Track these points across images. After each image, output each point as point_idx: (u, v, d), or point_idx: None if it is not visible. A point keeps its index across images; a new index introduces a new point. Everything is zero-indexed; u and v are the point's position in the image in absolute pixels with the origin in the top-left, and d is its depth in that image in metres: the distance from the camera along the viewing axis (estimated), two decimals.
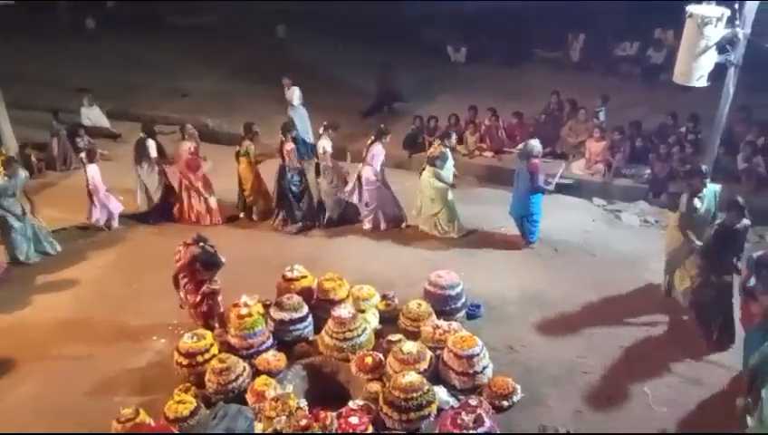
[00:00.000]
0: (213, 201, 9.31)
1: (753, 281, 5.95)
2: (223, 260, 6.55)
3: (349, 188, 9.03)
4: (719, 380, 6.32)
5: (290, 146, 8.89)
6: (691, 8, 7.09)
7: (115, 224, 9.16)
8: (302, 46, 16.57)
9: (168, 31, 18.35)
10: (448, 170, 8.73)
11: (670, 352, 6.73)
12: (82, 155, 9.29)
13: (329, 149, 8.92)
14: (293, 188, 9.02)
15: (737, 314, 6.54)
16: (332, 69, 14.96)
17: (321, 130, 9.07)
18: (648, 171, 10.05)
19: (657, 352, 6.74)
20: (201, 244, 6.51)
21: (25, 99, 12.96)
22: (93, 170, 8.82)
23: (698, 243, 6.81)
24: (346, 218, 9.31)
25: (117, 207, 9.12)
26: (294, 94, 11.33)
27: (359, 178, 8.90)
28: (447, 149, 8.75)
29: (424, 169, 8.80)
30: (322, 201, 9.27)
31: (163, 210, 9.36)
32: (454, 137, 9.33)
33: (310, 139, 10.89)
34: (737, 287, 6.47)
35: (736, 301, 6.54)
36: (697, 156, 9.59)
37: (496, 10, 15.71)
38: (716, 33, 6.98)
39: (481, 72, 15.20)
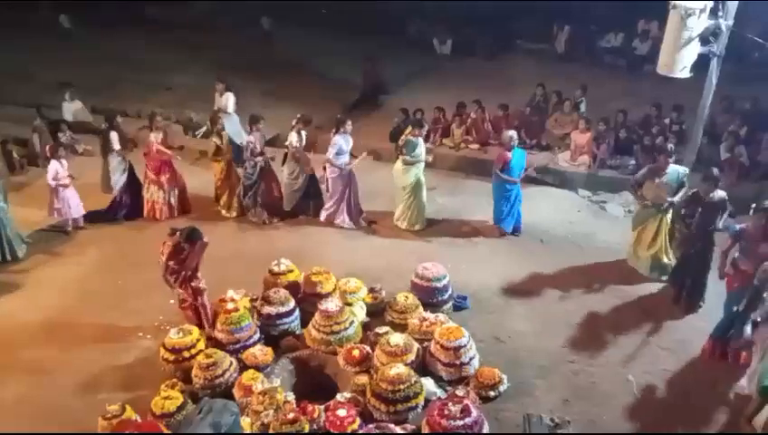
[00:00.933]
0: (173, 197, 9.21)
1: (737, 252, 6.36)
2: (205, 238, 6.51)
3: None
4: (704, 367, 6.43)
5: (248, 138, 8.93)
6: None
7: (80, 223, 8.88)
8: (288, 39, 16.48)
9: (149, 25, 18.15)
10: (418, 156, 8.73)
11: (655, 340, 6.83)
12: (47, 148, 9.06)
13: (295, 143, 8.87)
14: (244, 180, 9.09)
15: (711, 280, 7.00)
16: (318, 61, 14.89)
17: (293, 123, 8.97)
18: (633, 162, 10.12)
19: (642, 340, 6.82)
20: (176, 231, 6.49)
21: (5, 94, 12.79)
22: (53, 167, 8.47)
23: (647, 202, 7.57)
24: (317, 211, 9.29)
25: (78, 207, 8.77)
26: (229, 101, 10.69)
27: (324, 168, 8.98)
28: (417, 138, 8.74)
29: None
30: (306, 194, 9.25)
31: (131, 206, 9.21)
32: (425, 127, 9.39)
33: (242, 141, 9.77)
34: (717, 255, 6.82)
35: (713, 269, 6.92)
36: (681, 146, 9.67)
37: (482, 2, 15.71)
38: (700, 24, 7.03)
39: (467, 64, 15.22)
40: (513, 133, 8.61)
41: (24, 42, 15.81)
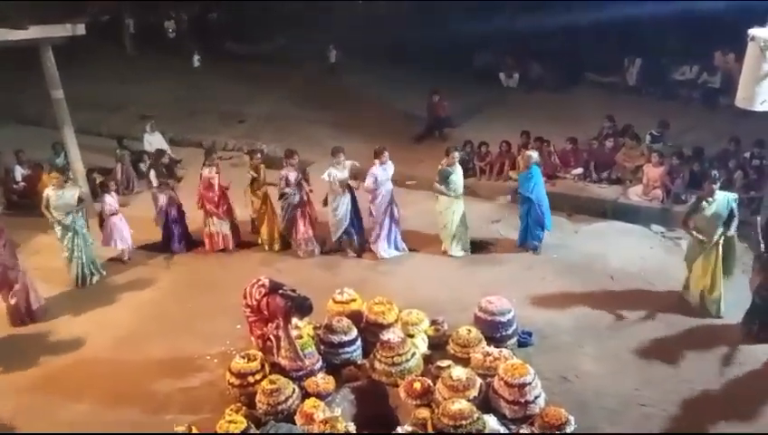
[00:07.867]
0: (225, 227, 9.37)
1: None
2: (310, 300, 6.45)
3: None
4: None
5: (282, 172, 8.98)
6: (753, 31, 6.89)
7: (125, 257, 9.17)
8: (355, 71, 16.86)
9: (226, 59, 19.02)
10: (454, 183, 8.75)
11: (732, 386, 6.43)
12: (98, 183, 9.62)
13: (326, 178, 8.77)
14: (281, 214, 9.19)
15: None
16: (383, 94, 15.15)
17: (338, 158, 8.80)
18: None
19: (719, 385, 6.43)
20: (281, 291, 6.42)
21: (92, 125, 13.59)
22: (106, 199, 8.99)
23: (700, 237, 7.36)
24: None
25: (127, 238, 9.11)
26: None
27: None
28: (449, 167, 8.73)
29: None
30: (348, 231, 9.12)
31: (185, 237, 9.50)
32: (458, 151, 9.30)
33: None
34: None
35: None
36: (762, 182, 9.25)
37: (550, 35, 15.66)
38: None
39: (533, 97, 15.11)
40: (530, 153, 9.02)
41: (113, 75, 16.86)
